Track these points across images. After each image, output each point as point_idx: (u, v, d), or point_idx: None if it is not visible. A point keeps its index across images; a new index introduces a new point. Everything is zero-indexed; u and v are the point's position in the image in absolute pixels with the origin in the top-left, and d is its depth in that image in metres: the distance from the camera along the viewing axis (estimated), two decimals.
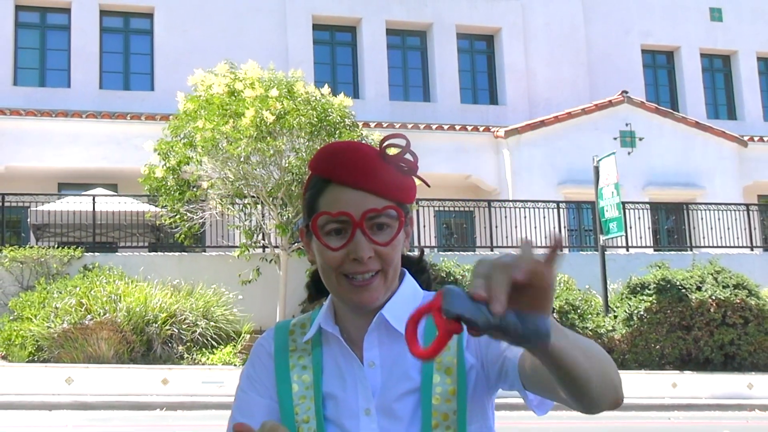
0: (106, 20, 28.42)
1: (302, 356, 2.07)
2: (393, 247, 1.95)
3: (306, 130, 19.19)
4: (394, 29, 30.63)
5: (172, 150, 20.08)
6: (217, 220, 21.70)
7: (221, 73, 19.64)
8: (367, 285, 1.93)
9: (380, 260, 1.93)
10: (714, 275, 21.11)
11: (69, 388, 17.08)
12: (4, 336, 18.20)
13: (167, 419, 15.44)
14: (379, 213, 1.92)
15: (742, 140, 29.57)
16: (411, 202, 2.03)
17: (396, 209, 1.94)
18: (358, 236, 1.91)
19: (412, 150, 1.99)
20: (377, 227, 1.93)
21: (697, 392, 19.58)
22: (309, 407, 2.00)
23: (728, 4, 34.13)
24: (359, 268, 1.92)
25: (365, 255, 1.90)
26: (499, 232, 24.65)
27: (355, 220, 1.91)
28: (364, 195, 1.92)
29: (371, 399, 1.97)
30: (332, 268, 1.94)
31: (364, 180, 1.93)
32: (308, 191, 2.02)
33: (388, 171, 1.96)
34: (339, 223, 1.93)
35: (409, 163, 1.98)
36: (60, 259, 20.43)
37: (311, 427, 1.99)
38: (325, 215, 1.93)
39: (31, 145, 24.60)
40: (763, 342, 20.60)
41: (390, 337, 1.99)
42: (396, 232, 1.95)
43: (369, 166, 1.94)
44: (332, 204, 1.93)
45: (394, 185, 1.96)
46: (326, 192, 1.96)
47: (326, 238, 1.94)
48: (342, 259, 1.92)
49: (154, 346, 18.37)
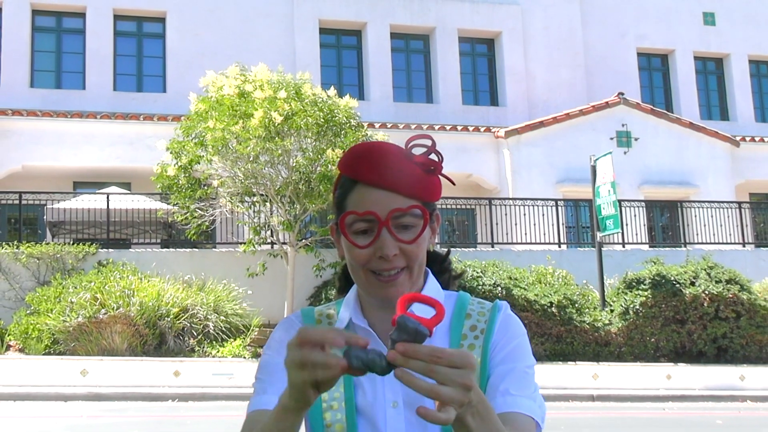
0: (119, 24, 28.42)
1: None
2: (418, 245, 1.95)
3: (313, 130, 19.19)
4: (398, 33, 30.61)
5: (183, 149, 20.07)
6: (227, 218, 21.71)
7: (232, 75, 19.62)
8: (393, 281, 1.94)
9: (405, 257, 1.94)
10: (707, 271, 21.09)
11: (84, 379, 17.09)
12: (22, 329, 18.22)
13: (179, 410, 15.44)
14: (404, 212, 1.92)
15: (734, 140, 29.54)
16: (436, 201, 2.03)
17: (421, 208, 1.94)
18: (384, 235, 1.91)
19: (437, 150, 1.98)
20: (402, 226, 1.93)
21: (691, 384, 19.55)
22: (337, 395, 1.98)
23: (721, 9, 34.12)
24: (385, 265, 1.92)
25: (391, 253, 1.91)
26: (500, 229, 24.69)
27: (381, 220, 1.91)
28: (389, 195, 1.92)
29: (399, 392, 1.96)
30: (359, 265, 1.95)
31: (389, 180, 1.92)
32: (337, 190, 2.03)
33: (413, 171, 1.95)
34: (366, 222, 1.93)
35: (434, 163, 1.97)
36: (75, 255, 20.44)
37: (338, 414, 1.97)
38: (352, 214, 1.94)
39: (47, 145, 24.61)
40: (755, 335, 20.57)
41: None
42: (420, 231, 1.95)
43: (395, 166, 1.94)
44: (359, 203, 1.94)
45: (419, 185, 1.95)
46: (354, 191, 1.96)
47: (354, 237, 1.95)
48: (369, 257, 1.93)
49: (166, 339, 18.38)
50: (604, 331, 19.99)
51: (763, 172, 30.32)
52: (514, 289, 19.67)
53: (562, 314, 19.68)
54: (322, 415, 1.98)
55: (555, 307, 19.66)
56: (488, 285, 19.59)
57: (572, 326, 19.68)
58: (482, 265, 20.58)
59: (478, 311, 2.06)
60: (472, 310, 2.07)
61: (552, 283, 20.83)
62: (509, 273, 20.46)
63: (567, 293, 20.15)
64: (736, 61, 33.96)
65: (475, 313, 2.06)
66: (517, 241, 24.57)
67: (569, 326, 19.66)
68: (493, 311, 2.05)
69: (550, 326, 19.48)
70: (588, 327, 19.79)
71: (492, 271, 20.30)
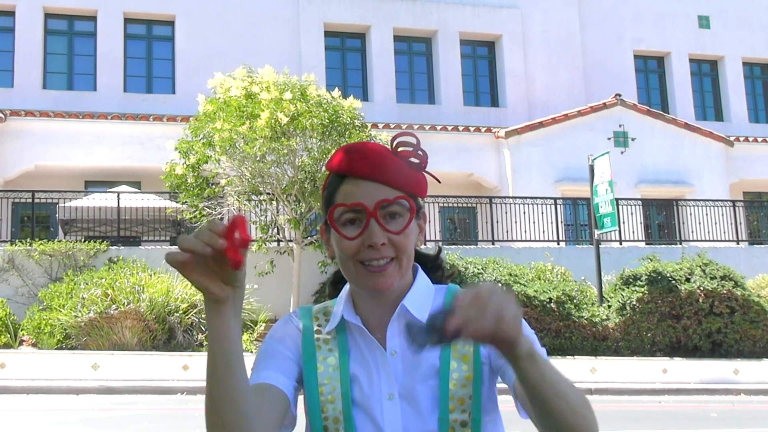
0: (130, 27, 28.43)
1: (328, 340, 2.06)
2: (405, 236, 1.95)
3: (318, 130, 19.17)
4: (401, 36, 30.60)
5: (192, 149, 20.06)
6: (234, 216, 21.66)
7: (239, 77, 19.60)
8: (382, 271, 1.93)
9: (394, 248, 1.93)
10: (702, 267, 21.07)
11: (95, 373, 17.09)
12: (35, 324, 18.21)
13: (188, 403, 15.43)
14: (391, 202, 1.93)
15: (728, 140, 29.53)
16: (423, 196, 2.03)
17: (407, 199, 1.95)
18: (372, 224, 1.92)
19: (422, 148, 2.00)
20: (390, 216, 1.94)
21: (686, 377, 19.53)
22: (334, 388, 1.99)
23: (715, 13, 34.10)
24: (374, 254, 1.92)
25: (379, 241, 1.91)
26: (500, 227, 24.68)
27: (369, 210, 1.91)
28: (377, 186, 1.93)
29: (394, 385, 1.96)
30: (349, 256, 1.95)
31: (376, 172, 1.94)
32: (326, 189, 2.03)
33: (399, 165, 1.97)
34: (354, 213, 1.94)
35: (419, 157, 1.99)
36: (87, 252, 20.44)
37: (337, 407, 1.97)
38: (341, 206, 1.95)
39: (59, 145, 24.61)
40: (749, 330, 20.54)
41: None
42: (408, 221, 1.95)
43: (381, 160, 1.96)
44: (347, 196, 1.95)
45: (406, 178, 1.97)
46: (342, 186, 1.97)
47: (343, 229, 1.95)
48: (358, 247, 1.93)
49: (175, 334, 18.37)
50: (602, 327, 19.97)
51: (757, 172, 30.33)
52: (514, 286, 19.65)
53: (560, 310, 19.67)
54: (321, 408, 1.98)
55: (554, 302, 19.64)
56: (489, 281, 19.54)
57: (571, 321, 19.67)
58: (483, 261, 20.62)
59: None
60: None
61: (551, 279, 20.82)
62: (509, 270, 20.46)
63: (566, 289, 20.13)
64: (730, 63, 33.95)
65: None
66: (517, 239, 24.56)
67: (568, 321, 19.64)
68: None
69: (549, 321, 19.46)
70: (586, 322, 19.77)
71: (492, 268, 20.33)
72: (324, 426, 1.97)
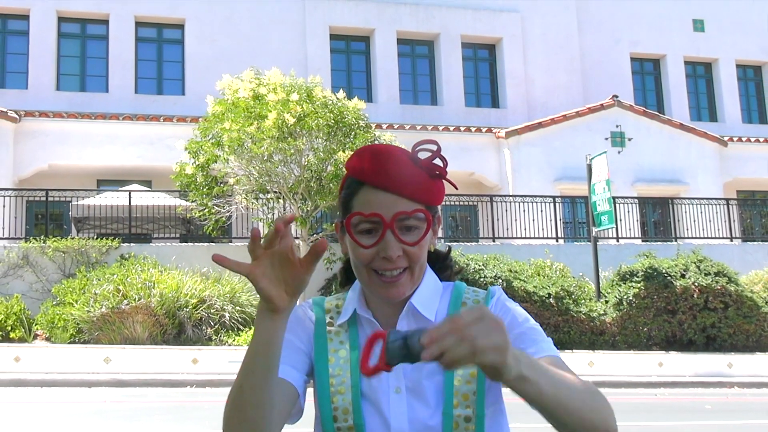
0: (141, 31, 28.42)
1: (339, 332, 2.06)
2: (420, 247, 1.93)
3: (324, 131, 19.16)
4: (405, 39, 30.58)
5: (201, 149, 20.06)
6: (242, 214, 21.70)
7: (247, 78, 19.60)
8: (395, 281, 1.92)
9: (408, 259, 1.92)
10: (697, 264, 21.06)
11: (107, 367, 17.09)
12: (48, 319, 18.22)
13: (197, 395, 15.44)
14: (409, 216, 1.90)
15: (722, 140, 29.50)
16: (439, 204, 2.00)
17: (424, 212, 1.92)
18: (388, 236, 1.89)
19: (442, 155, 1.96)
20: (406, 228, 1.91)
21: (682, 371, 19.51)
22: (344, 380, 1.99)
23: (710, 16, 34.07)
24: (388, 265, 1.91)
25: (394, 254, 1.89)
26: (500, 224, 24.70)
27: (386, 222, 1.89)
28: (395, 198, 1.90)
29: (402, 379, 1.95)
30: (363, 264, 1.93)
31: (395, 184, 1.90)
32: (344, 191, 2.00)
33: (418, 175, 1.92)
34: (371, 223, 1.91)
35: (438, 167, 1.95)
36: (99, 249, 20.44)
37: (346, 398, 1.97)
38: (358, 215, 1.92)
39: (72, 145, 24.62)
40: (742, 325, 20.52)
41: (418, 323, 1.99)
42: (424, 234, 1.93)
43: (400, 170, 1.91)
44: (365, 205, 1.92)
45: (424, 189, 1.93)
46: (360, 193, 1.94)
47: (359, 237, 1.93)
48: (372, 256, 1.91)
49: (185, 328, 18.36)
50: (599, 321, 19.96)
51: (750, 171, 30.29)
52: (514, 281, 19.67)
53: (559, 305, 19.67)
54: (331, 399, 1.98)
55: (553, 298, 19.65)
56: (489, 277, 19.58)
57: (569, 316, 19.66)
58: (484, 258, 20.61)
59: (473, 299, 2.07)
60: (467, 298, 2.07)
61: (550, 275, 20.81)
62: (509, 266, 20.45)
63: (564, 285, 20.12)
64: (724, 65, 33.91)
65: (470, 301, 2.06)
66: (517, 236, 24.56)
67: (566, 316, 19.63)
68: (487, 297, 2.05)
69: (548, 316, 19.45)
70: (584, 317, 19.76)
71: (493, 264, 20.32)
72: (333, 416, 1.97)
